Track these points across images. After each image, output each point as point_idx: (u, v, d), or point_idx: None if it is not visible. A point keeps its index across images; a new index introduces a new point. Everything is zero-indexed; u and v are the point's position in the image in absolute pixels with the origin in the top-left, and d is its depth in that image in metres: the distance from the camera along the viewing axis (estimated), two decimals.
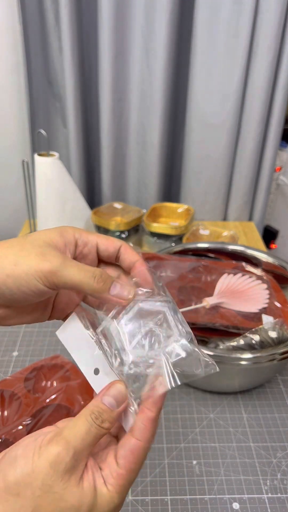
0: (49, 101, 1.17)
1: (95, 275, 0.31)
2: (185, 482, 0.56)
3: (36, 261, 0.29)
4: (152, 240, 1.03)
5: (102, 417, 0.28)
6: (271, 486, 0.55)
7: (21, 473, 0.26)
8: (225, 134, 1.12)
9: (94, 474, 0.27)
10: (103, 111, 1.11)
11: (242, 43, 1.00)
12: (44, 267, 0.29)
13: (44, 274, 0.29)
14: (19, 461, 0.26)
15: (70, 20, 0.99)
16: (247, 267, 0.79)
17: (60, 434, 0.27)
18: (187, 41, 1.07)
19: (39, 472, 0.25)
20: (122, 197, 1.28)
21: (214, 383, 0.67)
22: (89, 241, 0.34)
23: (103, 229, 1.05)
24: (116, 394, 0.29)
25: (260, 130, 1.12)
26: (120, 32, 1.04)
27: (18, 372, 0.63)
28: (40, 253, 0.30)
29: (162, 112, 1.11)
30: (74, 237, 0.33)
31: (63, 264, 0.30)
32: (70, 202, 1.05)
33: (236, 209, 1.25)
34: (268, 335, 0.63)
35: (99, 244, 0.34)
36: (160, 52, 1.04)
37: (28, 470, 0.26)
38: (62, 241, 0.32)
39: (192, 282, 0.74)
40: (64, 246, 0.32)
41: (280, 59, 1.04)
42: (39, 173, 1.01)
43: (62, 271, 0.29)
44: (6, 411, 0.59)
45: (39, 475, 0.25)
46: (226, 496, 0.54)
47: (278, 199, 1.43)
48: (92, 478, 0.27)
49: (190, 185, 1.22)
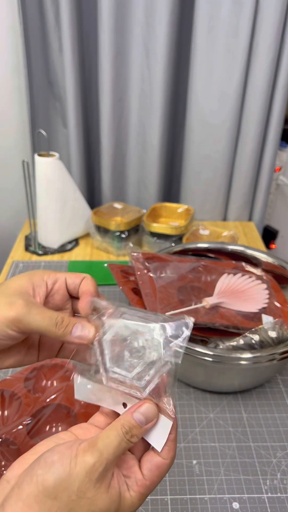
0: (49, 101, 1.17)
1: (57, 321, 0.34)
2: (185, 482, 0.56)
3: (4, 310, 0.33)
4: (152, 240, 1.03)
5: (132, 432, 0.31)
6: (271, 485, 0.56)
7: (59, 478, 0.28)
8: (225, 134, 1.12)
9: (119, 481, 0.31)
10: (103, 111, 1.11)
11: (242, 43, 1.00)
12: (10, 315, 0.33)
13: (11, 321, 0.33)
14: (57, 467, 0.28)
15: (70, 20, 0.99)
16: (247, 267, 0.79)
17: (94, 445, 0.29)
18: (187, 41, 1.07)
19: (76, 479, 0.28)
20: (122, 197, 1.28)
21: (214, 383, 0.67)
22: (58, 278, 0.38)
23: (103, 229, 1.05)
24: (146, 412, 0.32)
25: (260, 130, 1.12)
26: (120, 32, 1.04)
27: (18, 372, 0.63)
28: (8, 303, 0.34)
29: (162, 112, 1.11)
30: (43, 279, 0.37)
31: (27, 313, 0.33)
32: (70, 202, 1.05)
33: (236, 209, 1.25)
34: (268, 335, 0.63)
35: (67, 278, 0.38)
36: (160, 52, 1.04)
37: (65, 476, 0.28)
38: (31, 286, 0.36)
39: (192, 282, 0.74)
40: (33, 290, 0.36)
41: (280, 59, 1.04)
42: (39, 173, 1.01)
43: (27, 319, 0.33)
44: (6, 411, 0.59)
45: (75, 482, 0.28)
46: (226, 496, 0.54)
47: (278, 199, 1.43)
48: (118, 485, 0.30)
49: (190, 185, 1.22)
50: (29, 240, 1.12)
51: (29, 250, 1.08)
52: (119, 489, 0.30)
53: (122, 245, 1.05)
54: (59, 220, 1.06)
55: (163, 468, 0.32)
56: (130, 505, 0.31)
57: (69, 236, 1.10)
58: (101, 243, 1.08)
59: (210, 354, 0.59)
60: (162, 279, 0.72)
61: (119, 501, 0.30)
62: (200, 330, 0.65)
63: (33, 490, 0.28)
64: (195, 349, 0.60)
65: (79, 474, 0.28)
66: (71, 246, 1.10)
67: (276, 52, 1.02)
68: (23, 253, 1.08)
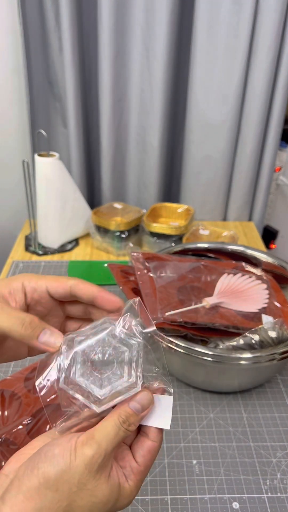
0: (49, 101, 1.17)
1: (24, 322, 0.33)
2: (185, 482, 0.56)
3: None
4: (152, 240, 1.03)
5: (129, 421, 0.31)
6: (271, 485, 0.56)
7: (60, 471, 0.29)
8: (225, 134, 1.12)
9: (118, 472, 0.31)
10: (103, 111, 1.11)
11: (242, 43, 1.00)
12: None
13: None
14: (58, 460, 0.29)
15: (70, 20, 0.99)
16: (247, 267, 0.79)
17: (92, 437, 0.30)
18: (187, 41, 1.07)
19: (76, 472, 0.29)
20: (122, 197, 1.28)
21: (214, 383, 0.67)
22: (38, 287, 0.36)
23: (103, 229, 1.05)
24: (141, 399, 0.32)
25: (260, 130, 1.12)
26: (120, 32, 1.04)
27: (18, 372, 0.63)
28: None
29: (162, 112, 1.11)
30: (22, 285, 0.36)
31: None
32: (70, 202, 1.05)
33: (236, 209, 1.25)
34: (268, 335, 0.63)
35: (48, 288, 0.36)
36: (160, 52, 1.04)
37: (66, 468, 0.29)
38: (7, 290, 0.35)
39: (192, 282, 0.74)
40: (9, 294, 0.35)
41: (280, 59, 1.04)
42: (39, 173, 1.01)
43: None
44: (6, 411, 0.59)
45: (75, 474, 0.29)
46: (226, 496, 0.54)
47: (278, 199, 1.43)
48: (117, 476, 0.31)
49: (190, 185, 1.23)
50: (29, 240, 1.12)
51: (29, 250, 1.08)
52: (118, 480, 0.31)
53: (122, 245, 1.05)
54: (59, 220, 1.06)
55: (154, 451, 0.33)
56: (129, 494, 0.31)
57: (69, 236, 1.10)
58: (101, 243, 1.08)
59: (210, 354, 0.59)
60: (162, 279, 0.72)
61: (118, 491, 0.31)
62: (200, 330, 0.65)
63: (34, 483, 0.28)
64: (195, 349, 0.60)
65: (78, 467, 0.29)
66: (71, 246, 1.10)
67: (276, 52, 1.02)
68: (23, 253, 1.08)
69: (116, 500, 0.31)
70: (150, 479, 0.56)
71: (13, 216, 1.30)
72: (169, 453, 0.59)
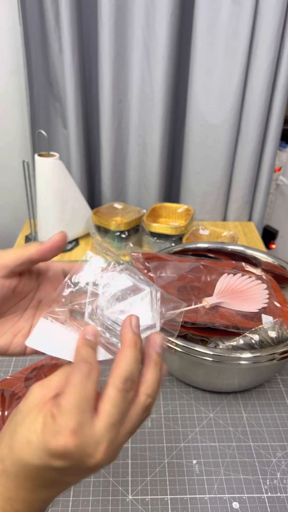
0: (49, 101, 1.17)
1: (29, 244, 0.38)
2: (185, 482, 0.56)
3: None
4: (152, 240, 1.03)
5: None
6: (271, 485, 0.56)
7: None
8: (225, 134, 1.12)
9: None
10: (103, 112, 1.11)
11: (242, 44, 1.01)
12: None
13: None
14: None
15: (70, 21, 0.99)
16: (246, 267, 0.79)
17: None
18: (187, 42, 1.07)
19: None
20: (122, 197, 1.28)
21: (214, 383, 0.67)
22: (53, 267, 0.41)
23: (103, 229, 1.05)
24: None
25: (260, 130, 1.12)
26: (120, 32, 1.04)
27: (18, 371, 0.64)
28: None
29: (162, 113, 1.11)
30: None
31: (4, 255, 0.36)
32: (70, 202, 1.06)
33: (236, 209, 1.25)
34: (268, 335, 0.63)
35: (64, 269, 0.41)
36: (160, 53, 1.04)
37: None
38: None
39: (192, 282, 0.74)
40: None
41: (280, 59, 1.04)
42: (39, 173, 1.01)
43: (6, 257, 0.36)
44: (6, 410, 0.59)
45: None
46: (226, 496, 0.54)
47: (277, 199, 1.43)
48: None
49: (190, 185, 1.23)
50: (29, 240, 1.12)
51: None
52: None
53: (122, 245, 1.05)
54: (59, 220, 1.06)
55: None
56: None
57: (69, 236, 1.10)
58: (101, 243, 1.08)
59: (210, 354, 0.59)
60: (162, 279, 0.72)
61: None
62: (200, 330, 0.65)
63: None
64: (195, 349, 0.60)
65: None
66: (71, 246, 1.10)
67: (276, 52, 1.02)
68: None
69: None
70: (150, 479, 0.56)
71: (13, 216, 1.31)
72: (169, 453, 0.59)
